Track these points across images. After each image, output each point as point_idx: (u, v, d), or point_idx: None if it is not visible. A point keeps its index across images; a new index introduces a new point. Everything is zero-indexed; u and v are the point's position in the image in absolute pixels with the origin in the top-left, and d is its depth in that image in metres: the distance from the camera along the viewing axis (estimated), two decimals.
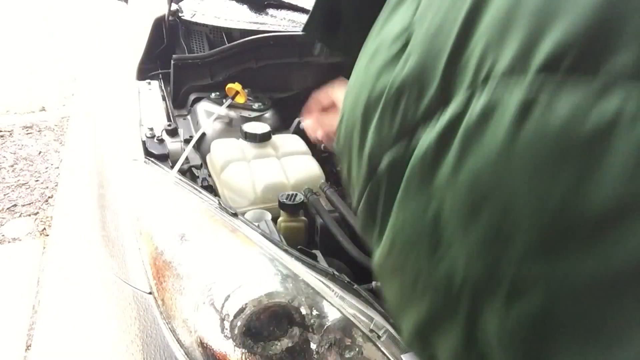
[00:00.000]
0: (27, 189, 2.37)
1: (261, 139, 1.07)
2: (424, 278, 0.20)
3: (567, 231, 0.17)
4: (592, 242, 0.16)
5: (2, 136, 2.82)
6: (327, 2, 0.40)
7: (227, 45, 1.28)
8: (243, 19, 1.45)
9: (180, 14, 1.44)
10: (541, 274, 0.17)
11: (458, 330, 0.20)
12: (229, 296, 0.61)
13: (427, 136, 0.20)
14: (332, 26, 0.41)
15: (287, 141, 1.11)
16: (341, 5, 0.39)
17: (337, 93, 0.93)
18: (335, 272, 0.68)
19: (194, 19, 1.43)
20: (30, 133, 2.88)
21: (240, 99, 1.17)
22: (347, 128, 0.25)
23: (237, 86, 1.16)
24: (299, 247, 0.72)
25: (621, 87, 0.16)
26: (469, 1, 0.21)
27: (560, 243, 0.17)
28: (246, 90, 1.19)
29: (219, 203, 0.78)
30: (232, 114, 1.21)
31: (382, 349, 0.60)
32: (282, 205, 0.89)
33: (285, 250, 0.69)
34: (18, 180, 2.43)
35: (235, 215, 0.75)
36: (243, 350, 0.58)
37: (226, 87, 1.17)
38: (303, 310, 0.61)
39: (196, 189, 0.83)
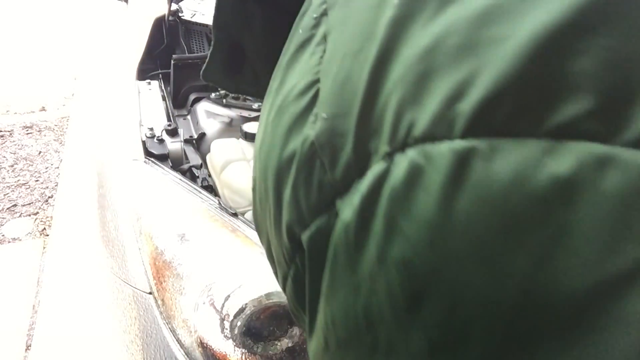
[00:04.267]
0: (27, 189, 2.37)
1: None
2: None
3: (535, 323, 0.13)
4: (565, 336, 0.13)
5: (2, 136, 2.82)
6: (226, 42, 0.35)
7: None
8: None
9: (180, 14, 1.44)
10: None
11: None
12: (229, 296, 0.61)
13: (348, 207, 0.16)
14: (234, 67, 0.36)
15: None
16: (243, 41, 0.35)
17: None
18: None
19: (194, 19, 1.43)
20: (30, 133, 2.88)
21: None
22: (260, 196, 0.21)
23: None
24: None
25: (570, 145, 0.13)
26: (377, 46, 0.17)
27: (527, 339, 0.13)
28: None
29: (219, 203, 0.78)
30: (232, 114, 1.21)
31: None
32: None
33: None
34: (18, 180, 2.43)
35: (235, 215, 0.75)
36: (243, 350, 0.58)
37: None
38: None
39: (196, 189, 0.83)
